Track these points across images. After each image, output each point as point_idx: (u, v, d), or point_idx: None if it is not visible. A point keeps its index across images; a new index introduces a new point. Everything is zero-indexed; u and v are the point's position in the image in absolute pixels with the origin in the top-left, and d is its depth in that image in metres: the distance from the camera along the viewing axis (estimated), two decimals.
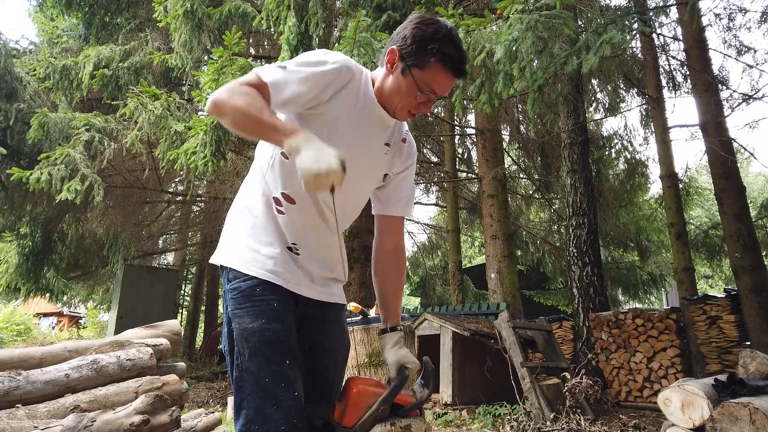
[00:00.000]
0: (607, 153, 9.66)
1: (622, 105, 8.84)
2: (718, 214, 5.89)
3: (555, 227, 11.01)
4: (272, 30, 4.94)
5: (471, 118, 10.30)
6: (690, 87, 6.68)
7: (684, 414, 2.82)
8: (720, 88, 6.29)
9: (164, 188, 8.68)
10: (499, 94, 3.61)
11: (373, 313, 3.76)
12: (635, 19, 3.87)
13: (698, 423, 2.76)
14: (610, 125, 35.45)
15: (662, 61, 7.62)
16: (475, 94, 3.89)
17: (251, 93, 1.14)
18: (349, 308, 3.63)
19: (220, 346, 10.03)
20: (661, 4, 5.39)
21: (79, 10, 7.61)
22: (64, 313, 17.88)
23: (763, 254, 6.19)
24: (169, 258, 14.02)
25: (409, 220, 11.10)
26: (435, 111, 9.24)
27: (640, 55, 7.65)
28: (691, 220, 9.53)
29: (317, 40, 4.39)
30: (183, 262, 13.09)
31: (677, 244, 6.54)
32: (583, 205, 6.37)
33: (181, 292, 13.65)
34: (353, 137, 1.28)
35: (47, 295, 9.40)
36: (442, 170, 10.55)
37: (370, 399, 1.23)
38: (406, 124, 1.48)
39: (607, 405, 5.10)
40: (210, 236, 10.69)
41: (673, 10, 6.26)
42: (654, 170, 23.00)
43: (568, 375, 4.39)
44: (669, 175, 6.82)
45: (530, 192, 11.55)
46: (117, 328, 8.62)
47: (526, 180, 11.64)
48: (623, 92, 8.58)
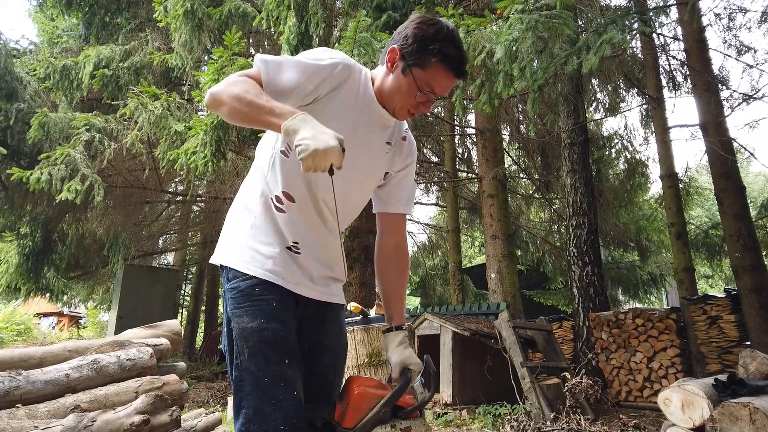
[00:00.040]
0: (607, 153, 9.65)
1: (622, 105, 8.84)
2: (718, 214, 5.89)
3: (555, 227, 11.00)
4: (272, 30, 4.94)
5: (471, 118, 10.28)
6: (690, 87, 6.67)
7: (684, 414, 2.82)
8: (720, 88, 6.29)
9: (164, 188, 8.68)
10: (499, 94, 3.61)
11: (373, 313, 3.76)
12: (635, 19, 3.87)
13: (698, 423, 2.76)
14: (610, 125, 35.52)
15: (662, 61, 7.61)
16: (475, 94, 3.89)
17: (247, 81, 1.15)
18: (349, 308, 3.63)
19: (220, 346, 10.04)
20: (661, 4, 5.39)
21: (79, 10, 7.62)
22: (64, 313, 17.89)
23: (763, 254, 6.18)
24: (169, 258, 14.03)
25: (410, 219, 11.08)
26: (435, 111, 9.23)
27: (640, 55, 7.64)
28: (691, 220, 9.53)
29: (317, 40, 4.39)
30: (183, 262, 13.10)
31: (677, 243, 6.53)
32: (583, 205, 6.37)
33: (181, 292, 13.65)
34: (354, 136, 1.28)
35: (47, 295, 9.40)
36: (442, 170, 10.54)
37: (371, 401, 1.22)
38: (406, 123, 1.48)
39: (607, 405, 5.10)
40: (210, 236, 10.68)
41: (673, 10, 6.26)
42: (654, 170, 23.04)
43: (568, 375, 4.38)
44: (669, 175, 6.81)
45: (530, 192, 11.54)
46: (117, 328, 8.63)
47: (526, 180, 11.63)
48: (623, 92, 8.58)
